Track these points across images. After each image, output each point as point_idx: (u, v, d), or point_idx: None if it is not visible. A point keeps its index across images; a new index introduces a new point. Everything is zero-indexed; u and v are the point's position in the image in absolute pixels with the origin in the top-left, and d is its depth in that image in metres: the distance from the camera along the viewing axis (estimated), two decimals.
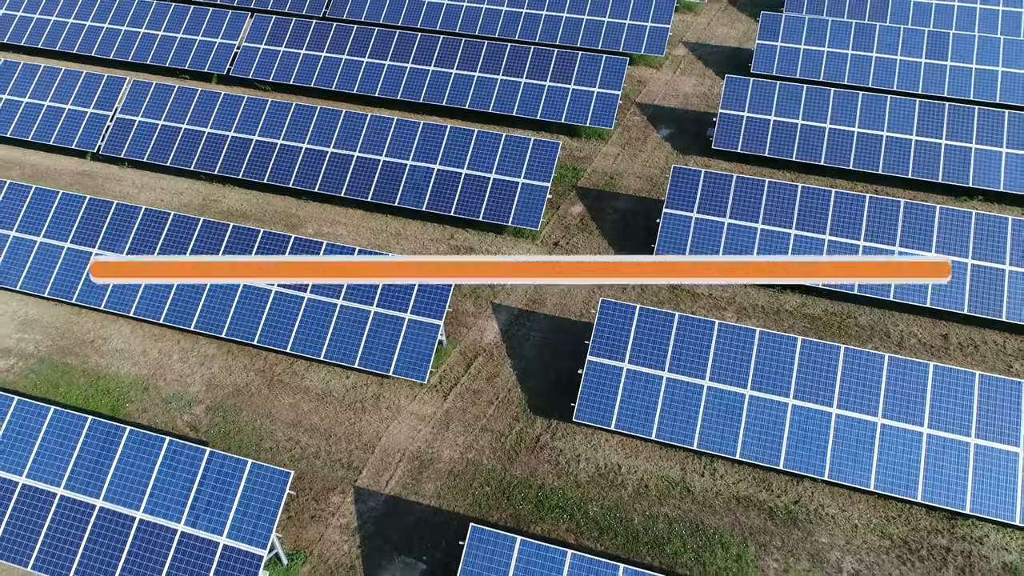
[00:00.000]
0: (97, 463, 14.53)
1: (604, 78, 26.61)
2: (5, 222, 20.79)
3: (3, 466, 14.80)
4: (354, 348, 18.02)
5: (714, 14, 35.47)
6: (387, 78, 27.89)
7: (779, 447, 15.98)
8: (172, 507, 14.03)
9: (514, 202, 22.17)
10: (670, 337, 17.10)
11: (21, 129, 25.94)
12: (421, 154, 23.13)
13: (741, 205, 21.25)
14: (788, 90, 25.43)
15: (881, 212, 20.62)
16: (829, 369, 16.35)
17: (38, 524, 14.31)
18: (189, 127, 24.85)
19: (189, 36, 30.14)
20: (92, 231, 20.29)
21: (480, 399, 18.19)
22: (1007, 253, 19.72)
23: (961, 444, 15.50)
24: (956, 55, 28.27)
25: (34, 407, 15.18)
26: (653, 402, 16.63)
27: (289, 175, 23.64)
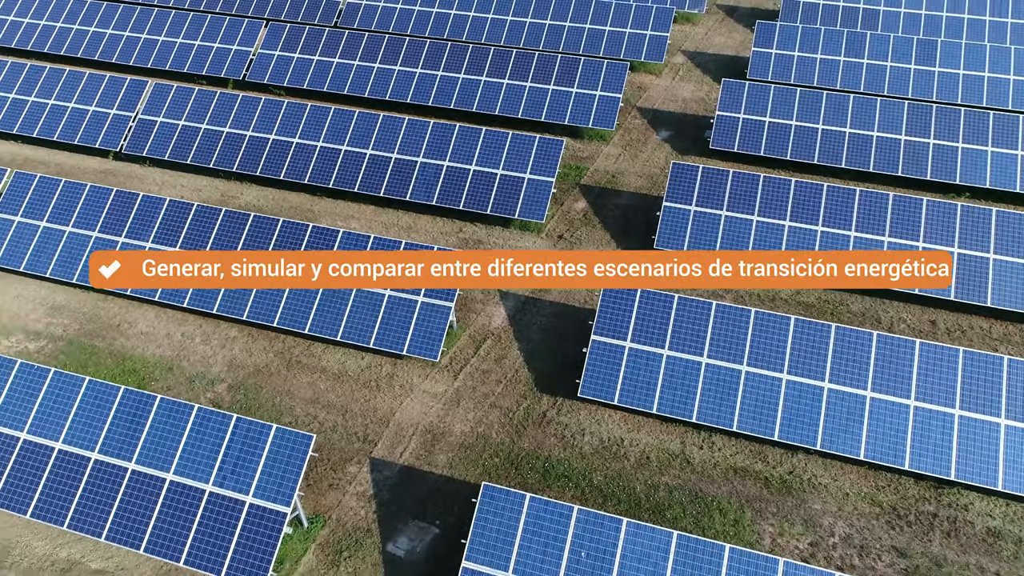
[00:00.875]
0: (130, 429, 15.40)
1: (606, 82, 27.74)
2: (36, 213, 21.79)
3: (40, 433, 15.66)
4: (369, 329, 18.94)
5: (711, 24, 36.74)
6: (397, 82, 29.04)
7: (774, 420, 16.84)
8: (201, 469, 14.88)
9: (520, 196, 23.19)
10: (670, 317, 18.01)
11: (47, 129, 27.04)
12: (431, 151, 24.18)
13: (737, 198, 22.25)
14: (782, 93, 26.54)
15: (871, 205, 21.62)
16: (821, 346, 17.25)
17: (73, 486, 15.15)
18: (208, 127, 25.94)
19: (206, 43, 31.36)
20: (119, 221, 21.29)
21: (489, 378, 19.07)
22: (991, 243, 20.68)
23: (946, 415, 16.35)
24: (944, 62, 29.42)
25: (70, 377, 16.07)
26: (654, 378, 17.51)
27: (305, 172, 24.68)
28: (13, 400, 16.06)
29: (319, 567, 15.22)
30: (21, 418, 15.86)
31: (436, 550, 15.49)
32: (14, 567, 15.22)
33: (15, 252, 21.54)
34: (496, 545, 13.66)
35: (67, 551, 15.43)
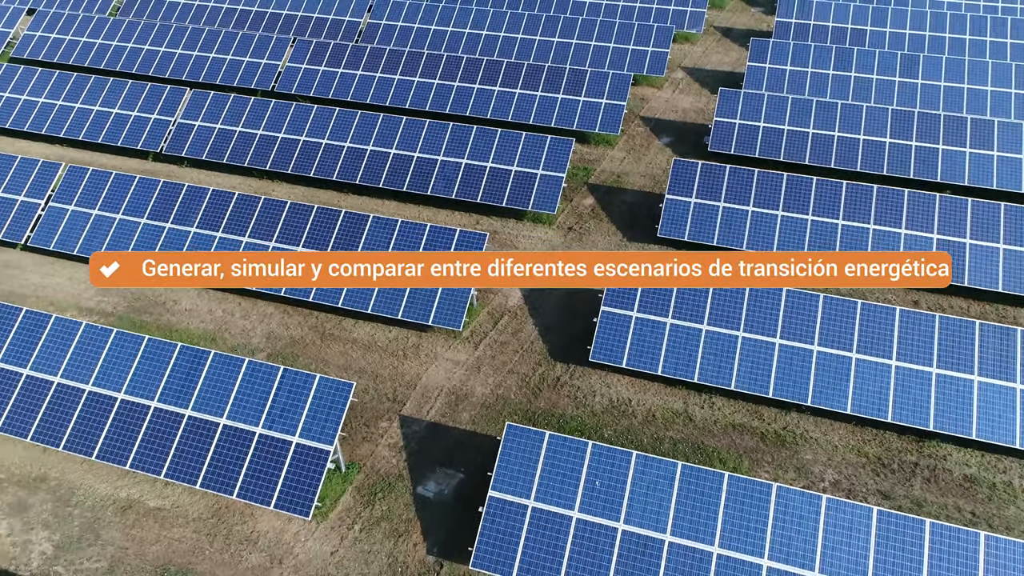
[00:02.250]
0: (186, 380, 17.06)
1: (611, 91, 29.85)
2: (89, 202, 23.68)
3: (104, 385, 17.32)
4: (397, 303, 20.68)
5: (709, 44, 39.07)
6: (416, 93, 31.17)
7: (768, 379, 18.48)
8: (251, 414, 16.51)
9: (534, 190, 25.08)
10: (671, 290, 19.75)
11: (92, 132, 29.08)
12: (451, 150, 26.15)
13: (734, 191, 24.13)
14: (775, 100, 28.60)
15: (857, 196, 23.47)
16: (810, 314, 18.95)
17: (135, 431, 16.76)
18: (243, 129, 27.97)
19: (237, 57, 33.60)
20: (165, 209, 23.17)
21: (507, 349, 20.75)
22: (967, 229, 22.49)
23: (925, 373, 18.00)
24: (926, 74, 31.54)
25: (130, 336, 17.78)
26: (658, 344, 19.20)
27: (333, 169, 26.63)
28: (78, 357, 17.75)
29: (356, 506, 16.75)
30: (87, 372, 17.53)
31: (462, 492, 17.03)
32: (79, 505, 16.76)
33: (69, 237, 23.37)
34: (519, 476, 15.23)
35: (127, 492, 16.98)
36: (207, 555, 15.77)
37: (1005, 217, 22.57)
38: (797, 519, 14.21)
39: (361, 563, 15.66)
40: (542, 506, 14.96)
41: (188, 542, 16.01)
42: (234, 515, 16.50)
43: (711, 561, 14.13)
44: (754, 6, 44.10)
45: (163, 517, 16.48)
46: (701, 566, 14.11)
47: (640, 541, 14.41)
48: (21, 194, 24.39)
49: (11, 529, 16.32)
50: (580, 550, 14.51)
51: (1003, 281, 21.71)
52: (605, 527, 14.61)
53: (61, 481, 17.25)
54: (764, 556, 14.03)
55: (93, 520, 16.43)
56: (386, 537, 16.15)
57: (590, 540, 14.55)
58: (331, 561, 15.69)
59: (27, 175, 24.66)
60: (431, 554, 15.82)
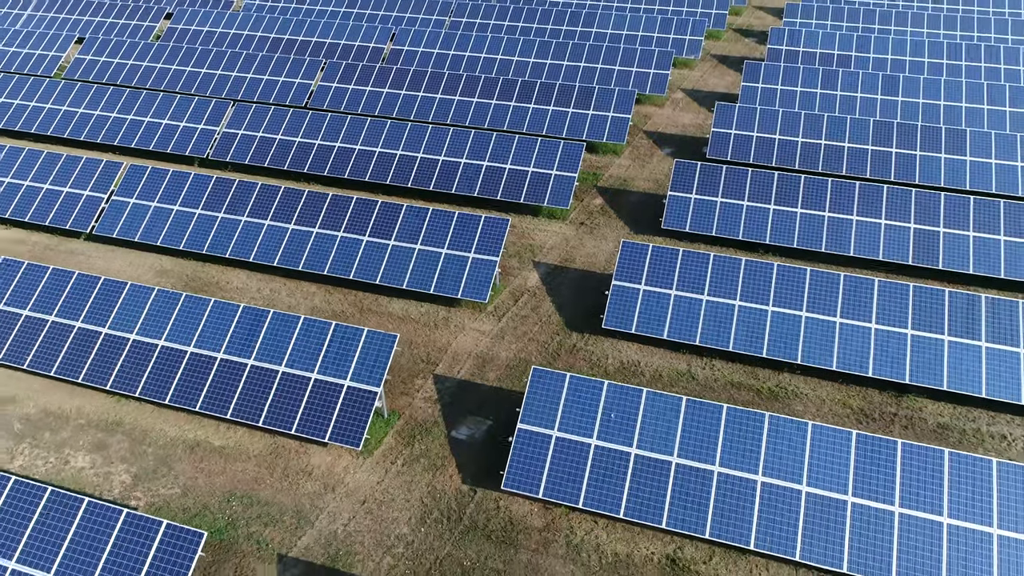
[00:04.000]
0: (248, 335, 19.35)
1: (617, 105, 32.68)
2: (148, 196, 26.24)
3: (175, 340, 19.62)
4: (430, 279, 23.07)
5: (706, 69, 42.17)
6: (439, 107, 34.02)
7: (762, 341, 20.74)
8: (307, 362, 18.77)
9: (548, 188, 27.67)
10: (676, 266, 22.15)
11: (144, 141, 31.82)
12: (473, 154, 28.82)
13: (731, 187, 26.68)
14: (767, 113, 31.39)
15: (842, 192, 26.00)
16: (799, 284, 21.29)
17: (203, 379, 18.99)
18: (283, 137, 30.72)
19: (273, 77, 36.58)
20: (218, 201, 25.72)
21: (527, 321, 23.06)
22: (940, 219, 24.96)
23: (901, 335, 20.27)
24: (906, 92, 34.39)
25: (198, 299, 20.13)
26: (664, 312, 21.51)
27: (365, 172, 29.27)
28: (152, 317, 20.08)
29: (397, 446, 18.89)
30: (159, 330, 19.84)
31: (491, 434, 19.18)
32: (152, 444, 18.90)
33: (131, 226, 25.87)
34: (544, 411, 17.43)
35: (193, 433, 19.14)
36: (268, 483, 17.87)
37: (975, 209, 25.06)
38: (787, 442, 16.37)
39: (404, 490, 17.75)
40: (564, 435, 17.13)
41: (250, 473, 18.12)
42: (290, 452, 18.64)
43: (712, 478, 16.25)
44: (748, 37, 47.41)
45: (227, 454, 18.62)
46: (704, 483, 16.22)
47: (651, 463, 16.54)
48: (86, 189, 26.98)
49: (93, 463, 18.45)
50: (598, 472, 16.63)
51: (974, 263, 24.09)
52: (620, 452, 16.76)
53: (135, 426, 19.42)
54: (759, 473, 16.15)
55: (165, 456, 18.57)
56: (425, 470, 18.26)
57: (607, 463, 16.69)
58: (377, 488, 17.78)
59: (92, 173, 27.29)
60: (465, 483, 17.91)
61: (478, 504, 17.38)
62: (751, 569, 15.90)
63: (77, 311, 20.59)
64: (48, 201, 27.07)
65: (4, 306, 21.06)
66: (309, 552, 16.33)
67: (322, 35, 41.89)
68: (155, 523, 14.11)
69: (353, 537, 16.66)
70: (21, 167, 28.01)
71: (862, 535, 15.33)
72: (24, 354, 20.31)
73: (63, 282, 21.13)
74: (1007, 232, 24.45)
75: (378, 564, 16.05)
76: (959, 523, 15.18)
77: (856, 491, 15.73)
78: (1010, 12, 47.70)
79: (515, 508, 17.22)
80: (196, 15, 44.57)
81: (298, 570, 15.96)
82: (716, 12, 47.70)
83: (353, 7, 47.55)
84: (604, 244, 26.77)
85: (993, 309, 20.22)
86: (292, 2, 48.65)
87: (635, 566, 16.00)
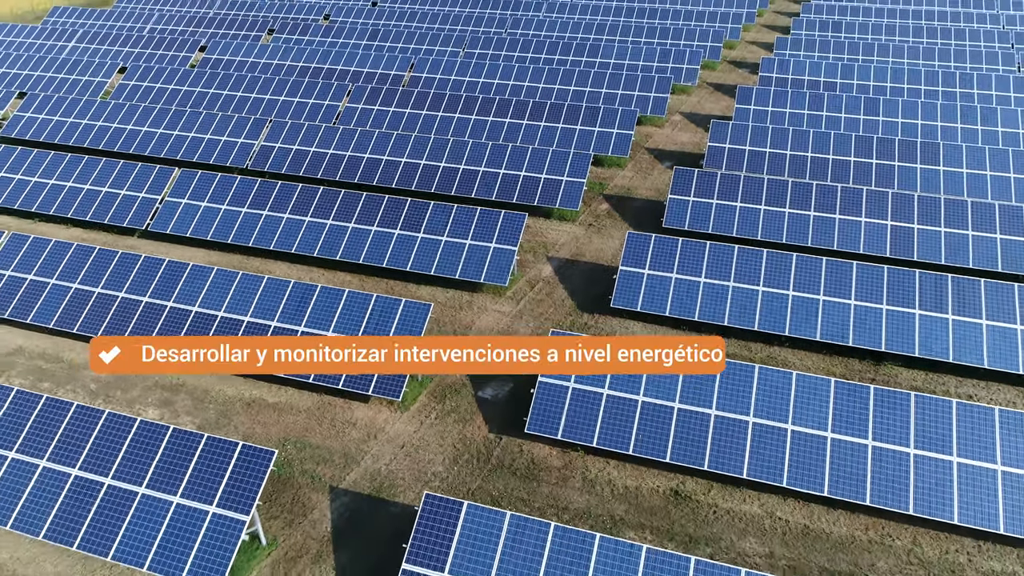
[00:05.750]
0: (299, 306, 21.90)
1: (621, 122, 35.72)
2: (198, 196, 29.04)
3: (234, 311, 22.16)
4: (455, 266, 25.70)
5: (703, 95, 45.45)
6: (457, 126, 37.07)
7: (754, 316, 23.26)
8: (352, 327, 21.28)
9: (560, 192, 30.48)
10: (676, 254, 24.78)
11: (188, 154, 34.81)
12: (491, 163, 31.71)
13: (724, 191, 29.47)
14: (758, 129, 34.37)
15: (825, 194, 28.77)
16: (786, 270, 23.89)
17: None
18: (316, 149, 33.68)
19: (304, 99, 39.77)
20: (262, 200, 28.50)
21: (542, 305, 25.61)
22: (915, 217, 27.66)
23: (877, 309, 22.79)
24: (886, 113, 37.47)
25: (253, 276, 22.73)
26: (665, 292, 24.08)
27: (392, 179, 32.14)
28: (212, 292, 22.65)
29: (430, 403, 21.27)
30: (219, 302, 22.39)
31: (512, 395, 21.57)
32: (212, 401, 21.30)
33: (183, 223, 28.60)
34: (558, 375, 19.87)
35: (249, 392, 21.56)
36: (317, 432, 20.24)
37: (945, 209, 27.78)
38: (774, 388, 18.78)
39: (438, 437, 20.10)
40: (580, 386, 19.55)
41: (301, 424, 20.50)
42: (335, 408, 21.03)
43: (710, 420, 18.63)
44: (741, 67, 50.89)
45: (280, 409, 21.01)
46: (702, 424, 18.60)
47: (656, 408, 18.94)
48: (142, 192, 29.81)
49: (162, 416, 20.84)
50: (610, 416, 19.02)
51: (945, 255, 26.72)
52: (628, 399, 19.17)
53: (196, 386, 21.85)
54: (750, 415, 18.53)
55: (225, 410, 20.96)
56: (456, 422, 20.62)
57: (617, 409, 19.08)
58: (414, 436, 20.13)
59: (146, 178, 30.14)
60: (491, 432, 20.26)
61: (504, 448, 19.72)
62: (744, 498, 18.18)
63: (144, 288, 23.18)
64: (107, 202, 29.86)
65: (79, 285, 23.66)
66: (356, 485, 18.64)
67: (346, 64, 45.28)
68: (232, 444, 16.48)
69: (395, 474, 18.97)
70: (81, 173, 30.90)
71: (840, 465, 17.66)
72: (97, 326, 22.84)
73: (131, 264, 23.76)
74: (974, 228, 27.12)
75: (417, 494, 18.33)
76: (923, 453, 17.52)
77: (835, 428, 18.10)
78: (985, 45, 51.19)
79: (536, 451, 19.55)
80: (228, 46, 48.09)
81: (348, 498, 18.25)
82: (711, 45, 51.24)
83: (374, 40, 51.12)
84: (610, 242, 29.45)
85: (958, 287, 22.78)
86: (317, 35, 52.26)
87: (643, 496, 18.29)
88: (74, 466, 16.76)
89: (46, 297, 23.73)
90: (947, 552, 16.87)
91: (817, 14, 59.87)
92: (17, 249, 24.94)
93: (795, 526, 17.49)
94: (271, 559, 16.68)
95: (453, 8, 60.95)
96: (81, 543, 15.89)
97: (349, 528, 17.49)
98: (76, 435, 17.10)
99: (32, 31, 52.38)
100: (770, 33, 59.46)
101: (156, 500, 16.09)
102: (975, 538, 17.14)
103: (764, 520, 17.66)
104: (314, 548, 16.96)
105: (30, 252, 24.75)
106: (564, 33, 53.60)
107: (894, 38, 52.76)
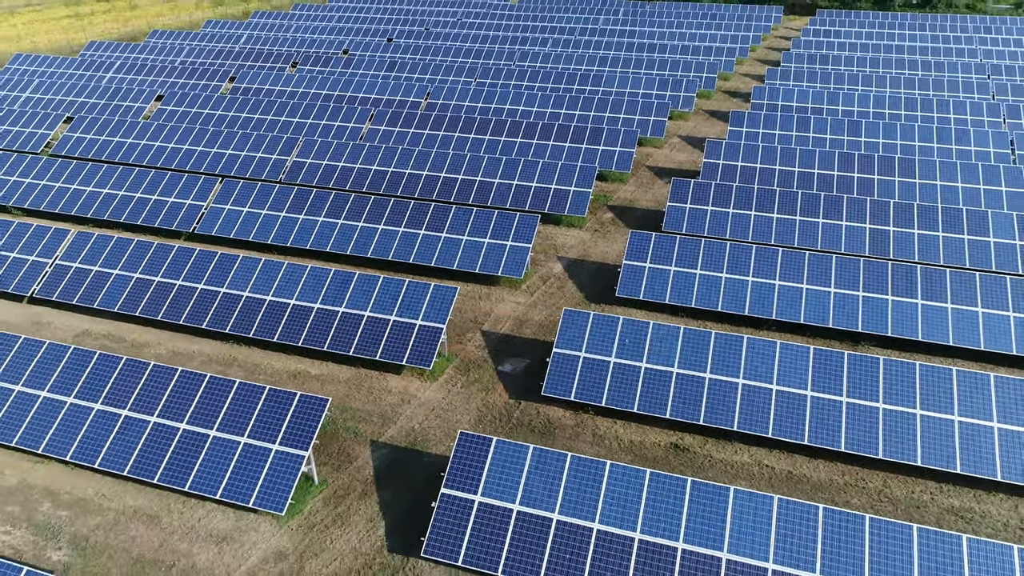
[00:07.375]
0: (339, 291, 24.64)
1: (623, 142, 38.88)
2: (240, 203, 32.00)
3: (280, 295, 24.91)
4: (475, 261, 28.49)
5: (698, 120, 48.77)
6: (472, 144, 40.23)
7: (744, 303, 25.96)
8: (386, 308, 23.99)
9: (568, 200, 33.43)
10: (674, 249, 27.59)
11: (225, 169, 37.89)
12: (505, 175, 34.74)
13: (719, 199, 32.40)
14: (750, 147, 37.49)
15: (809, 201, 31.69)
16: (772, 262, 26.68)
17: (303, 323, 24.14)
18: (344, 164, 36.77)
19: (330, 122, 43.06)
20: (299, 206, 31.46)
21: (555, 296, 28.34)
22: (890, 220, 30.53)
23: (854, 296, 25.49)
24: (868, 133, 40.63)
25: (297, 266, 25.51)
26: (665, 282, 26.82)
27: (415, 190, 35.13)
28: (260, 279, 25.41)
29: (456, 375, 23.86)
30: (267, 288, 25.14)
31: (528, 369, 24.17)
32: (262, 373, 23.91)
33: (226, 226, 31.50)
34: (573, 340, 22.51)
35: (295, 365, 24.18)
36: (356, 398, 22.81)
37: (918, 214, 30.65)
38: (761, 355, 21.40)
39: (464, 402, 22.66)
40: (589, 355, 22.18)
41: (342, 391, 23.08)
42: (372, 379, 23.62)
43: (704, 382, 21.21)
44: (735, 97, 54.35)
45: (322, 380, 23.61)
46: (697, 387, 21.18)
47: (657, 373, 21.54)
48: (188, 199, 32.79)
49: None
50: (617, 380, 21.61)
51: (918, 254, 29.50)
52: (633, 366, 21.77)
53: (246, 362, 24.48)
54: (740, 377, 21.12)
55: (274, 381, 23.55)
56: (479, 391, 23.19)
57: (622, 375, 21.68)
58: (443, 401, 22.69)
59: (192, 187, 33.16)
60: (511, 398, 22.82)
61: (523, 410, 22.27)
62: (735, 450, 20.67)
63: (199, 277, 25.95)
64: (156, 209, 32.83)
65: (140, 274, 26.46)
66: (394, 439, 21.16)
67: (367, 91, 48.74)
68: (291, 393, 19.08)
69: (427, 430, 21.50)
70: (132, 184, 33.92)
71: (819, 418, 20.19)
72: (157, 309, 25.56)
73: (186, 257, 26.59)
74: (944, 230, 29.95)
75: (448, 447, 20.84)
76: (891, 407, 20.07)
77: (814, 388, 20.67)
78: (962, 75, 54.69)
79: (551, 413, 22.10)
80: (256, 76, 51.66)
81: (387, 450, 20.76)
82: (707, 76, 54.80)
83: (391, 71, 54.75)
84: (614, 245, 32.29)
85: (927, 275, 25.52)
86: (338, 66, 55.93)
87: (647, 448, 20.79)
88: (152, 414, 19.34)
89: (110, 285, 26.51)
90: (913, 492, 19.31)
91: (806, 48, 63.70)
92: (82, 245, 27.81)
93: (780, 472, 19.96)
94: (323, 496, 19.14)
95: (464, 43, 64.90)
96: (161, 477, 18.40)
97: (389, 473, 19.98)
98: (154, 389, 19.72)
99: (72, 63, 56.11)
100: (763, 67, 63.20)
101: (226, 441, 18.65)
102: (937, 480, 19.59)
103: (753, 468, 20.13)
104: (359, 488, 19.44)
105: (95, 247, 27.61)
106: (569, 65, 57.28)
107: (878, 70, 56.37)
